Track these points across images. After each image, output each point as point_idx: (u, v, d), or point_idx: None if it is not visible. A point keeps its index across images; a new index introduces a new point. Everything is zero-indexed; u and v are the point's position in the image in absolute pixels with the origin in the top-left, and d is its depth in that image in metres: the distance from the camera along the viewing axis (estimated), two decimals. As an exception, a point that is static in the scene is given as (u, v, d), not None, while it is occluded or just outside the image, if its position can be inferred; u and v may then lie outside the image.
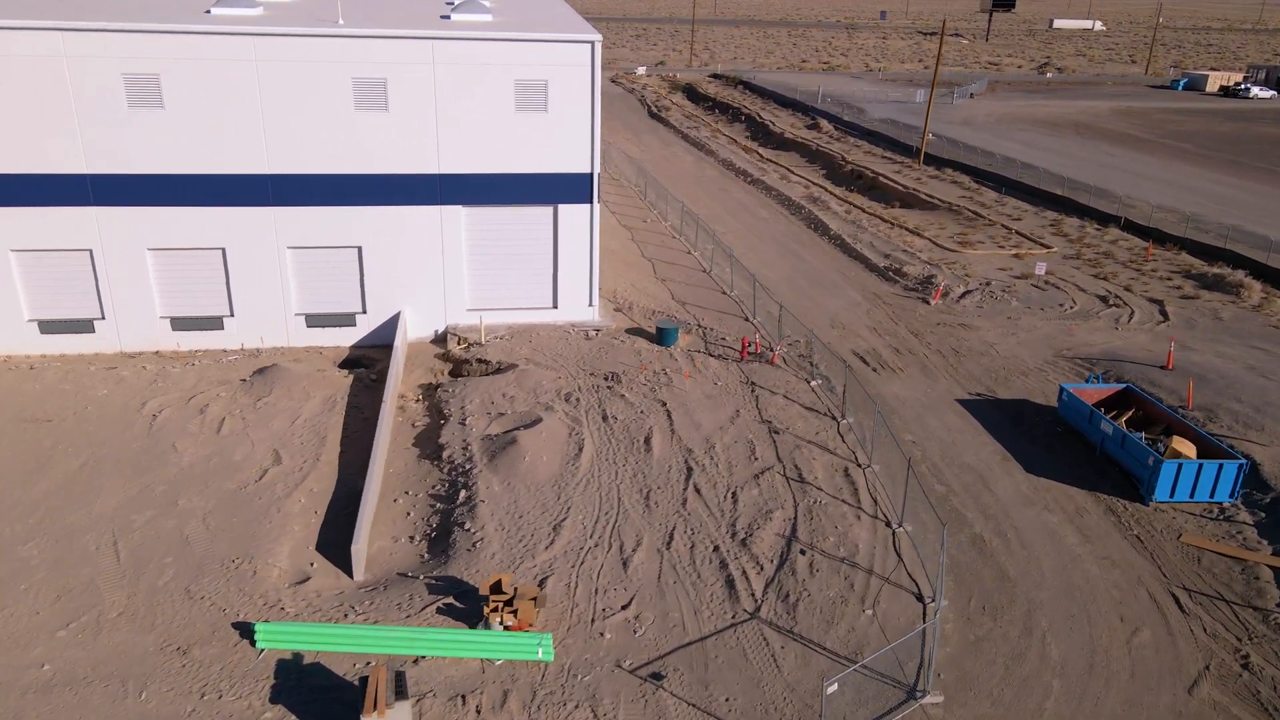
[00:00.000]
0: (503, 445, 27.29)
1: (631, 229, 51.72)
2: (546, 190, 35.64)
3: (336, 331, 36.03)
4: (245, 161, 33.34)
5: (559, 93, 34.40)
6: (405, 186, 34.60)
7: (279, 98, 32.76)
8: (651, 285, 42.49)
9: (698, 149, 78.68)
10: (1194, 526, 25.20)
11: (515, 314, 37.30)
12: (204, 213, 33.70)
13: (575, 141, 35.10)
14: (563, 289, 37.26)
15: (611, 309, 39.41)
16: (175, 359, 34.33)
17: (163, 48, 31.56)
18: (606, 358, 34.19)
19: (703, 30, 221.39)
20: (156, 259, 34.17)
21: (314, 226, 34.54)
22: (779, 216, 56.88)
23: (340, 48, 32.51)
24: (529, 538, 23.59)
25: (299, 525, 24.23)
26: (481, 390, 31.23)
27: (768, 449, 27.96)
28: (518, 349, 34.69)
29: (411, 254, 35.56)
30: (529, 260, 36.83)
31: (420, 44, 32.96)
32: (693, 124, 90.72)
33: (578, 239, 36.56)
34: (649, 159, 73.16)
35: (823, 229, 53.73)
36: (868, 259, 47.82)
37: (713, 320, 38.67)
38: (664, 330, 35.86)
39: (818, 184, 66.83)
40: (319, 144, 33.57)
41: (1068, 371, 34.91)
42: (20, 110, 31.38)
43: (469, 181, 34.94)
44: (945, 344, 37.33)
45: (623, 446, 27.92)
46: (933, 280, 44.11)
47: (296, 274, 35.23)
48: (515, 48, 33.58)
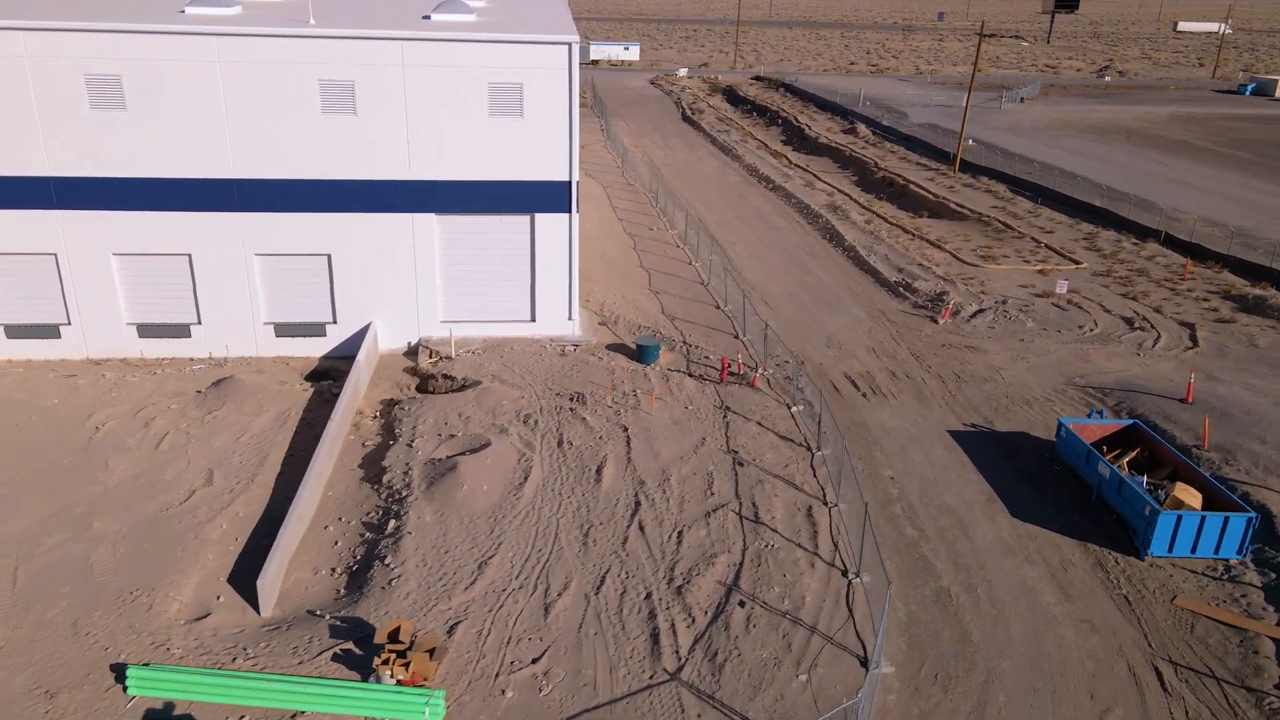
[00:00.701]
0: (443, 471, 25.73)
1: (636, 237, 49.92)
2: (523, 199, 34.04)
3: (306, 342, 34.88)
4: (209, 165, 32.33)
5: (535, 97, 32.76)
6: (375, 193, 33.29)
7: (243, 100, 31.67)
8: (643, 298, 40.64)
9: (724, 154, 76.54)
10: (1193, 587, 22.58)
11: (491, 327, 35.77)
12: (169, 217, 32.78)
13: (552, 148, 33.43)
14: (540, 302, 35.63)
15: (596, 323, 37.67)
16: (140, 367, 33.48)
17: (123, 48, 30.66)
18: (578, 376, 32.46)
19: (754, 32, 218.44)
20: (122, 264, 33.36)
21: (282, 233, 33.42)
22: (794, 225, 54.57)
23: (306, 49, 31.30)
24: (450, 576, 21.96)
25: (214, 554, 22.94)
26: (438, 409, 29.73)
27: (727, 483, 25.95)
28: (487, 365, 33.14)
29: (382, 263, 34.24)
30: (505, 272, 35.26)
31: (388, 45, 31.60)
32: (724, 128, 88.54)
33: (556, 250, 34.88)
34: (672, 163, 71.27)
35: (837, 239, 51.30)
36: (879, 273, 45.35)
37: (701, 337, 36.69)
38: (644, 347, 34.01)
39: (843, 191, 64.27)
40: (286, 148, 32.42)
41: (1076, 402, 32.21)
42: (-19, 111, 30.76)
43: (441, 189, 33.50)
44: (947, 368, 34.83)
45: (572, 476, 26.16)
46: (944, 297, 41.52)
47: (264, 282, 34.15)
48: (488, 49, 32.04)
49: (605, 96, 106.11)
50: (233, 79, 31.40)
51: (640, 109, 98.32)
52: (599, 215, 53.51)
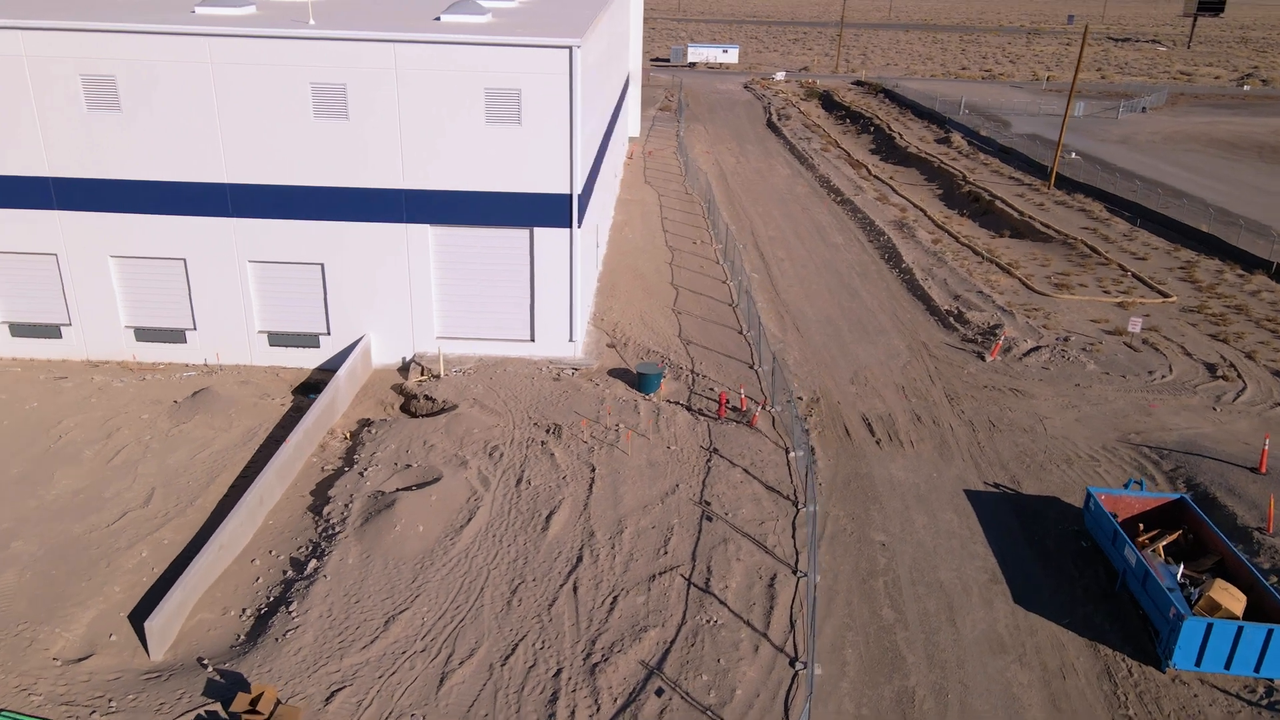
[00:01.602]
0: (382, 507, 23.89)
1: (677, 251, 47.31)
2: (521, 211, 32.00)
3: (300, 352, 33.77)
4: (203, 169, 31.50)
5: (533, 104, 30.66)
6: (368, 201, 31.83)
7: (236, 103, 30.67)
8: (662, 318, 38.05)
9: (800, 162, 72.93)
10: (1221, 713, 18.67)
11: (488, 346, 33.88)
12: (164, 221, 32.13)
13: (551, 158, 31.26)
14: (540, 322, 33.52)
15: (604, 344, 35.34)
16: (135, 371, 32.99)
17: (116, 48, 30.06)
18: (564, 404, 30.20)
19: (866, 35, 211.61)
20: (119, 267, 32.92)
21: (275, 240, 32.34)
22: (853, 243, 50.87)
23: (297, 51, 30.04)
24: (352, 631, 20.04)
25: (123, 585, 21.68)
26: (404, 434, 27.96)
27: (686, 540, 23.23)
28: (472, 387, 31.23)
29: (376, 274, 32.78)
30: (504, 288, 33.31)
31: (380, 47, 30.04)
32: (807, 135, 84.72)
33: (555, 268, 32.70)
34: (742, 172, 68.19)
35: (895, 260, 47.44)
36: (931, 299, 41.45)
37: (713, 365, 33.89)
38: (644, 375, 31.50)
39: (919, 206, 59.97)
40: (278, 153, 31.29)
41: (1126, 463, 28.05)
42: (-17, 110, 30.70)
43: (436, 198, 31.79)
44: (983, 413, 31.04)
45: (520, 520, 23.92)
46: (996, 331, 37.43)
47: (258, 289, 33.17)
48: (483, 52, 30.11)
49: (693, 100, 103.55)
50: (224, 81, 30.43)
51: (725, 114, 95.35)
52: (645, 226, 51.13)
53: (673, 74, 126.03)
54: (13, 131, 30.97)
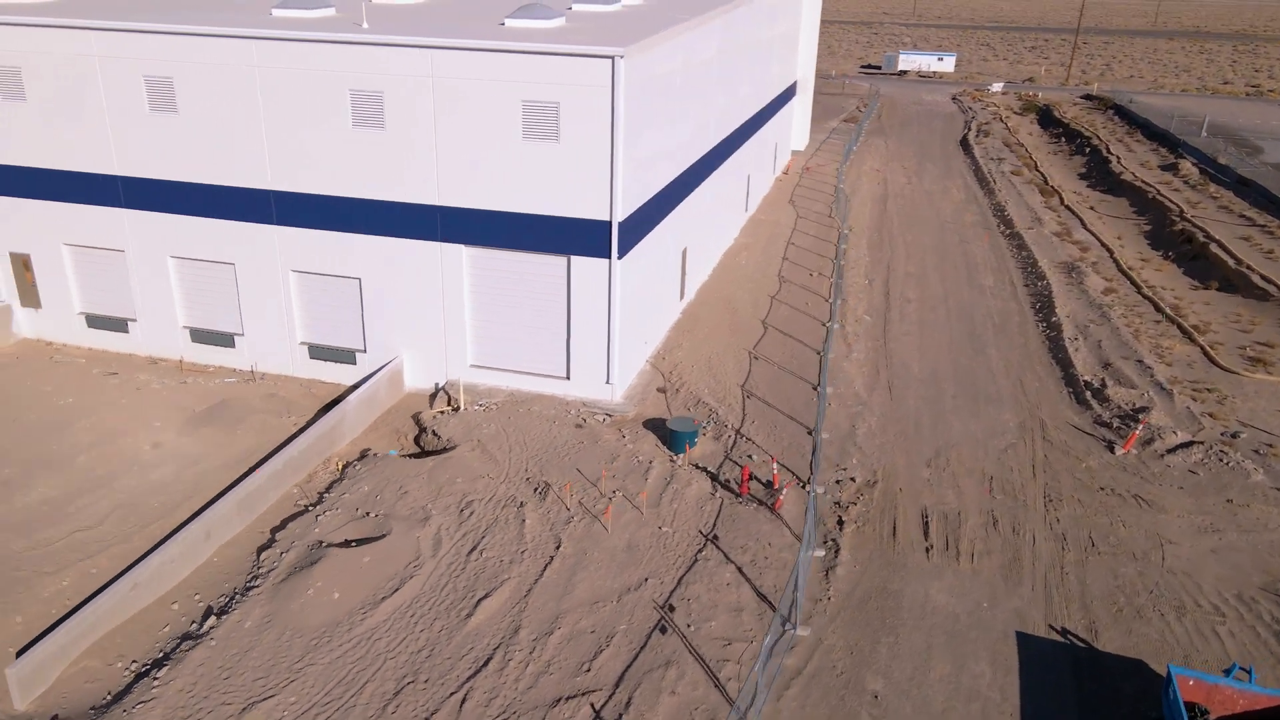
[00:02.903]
0: (310, 561, 21.63)
1: (788, 282, 42.54)
2: (557, 237, 28.92)
3: (337, 368, 32.49)
4: (249, 175, 30.77)
5: (572, 119, 27.47)
6: (403, 217, 29.91)
7: (279, 108, 29.63)
8: (733, 363, 33.74)
9: (980, 185, 65.08)
10: None
11: (522, 380, 31.09)
12: (216, 225, 31.75)
13: (590, 180, 27.95)
14: (576, 359, 30.32)
15: (655, 387, 31.62)
16: (186, 372, 32.97)
17: (174, 50, 29.80)
18: (572, 457, 26.86)
19: (1119, 42, 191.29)
20: (178, 267, 32.95)
21: (316, 251, 31.15)
22: (1004, 287, 43.87)
23: (336, 55, 28.52)
24: (204, 714, 17.78)
25: (27, 616, 20.66)
26: (385, 475, 25.69)
27: (621, 656, 19.28)
28: (485, 426, 28.55)
29: (411, 293, 30.85)
30: (540, 319, 30.38)
31: (414, 53, 27.91)
32: (1001, 154, 75.95)
33: (593, 301, 29.36)
34: (908, 194, 61.61)
35: (1047, 311, 40.24)
36: (1072, 366, 34.45)
37: (765, 426, 29.36)
38: (674, 432, 27.59)
39: (1107, 245, 51.38)
40: (318, 161, 30.00)
41: (1264, 626, 21.12)
42: (64, 109, 31.43)
43: (471, 217, 29.35)
44: (1084, 526, 24.73)
45: (450, 600, 20.88)
46: (1141, 415, 30.26)
47: (300, 300, 32.16)
48: (520, 61, 27.25)
49: (888, 112, 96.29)
50: (268, 85, 29.44)
51: (917, 128, 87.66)
52: (764, 253, 46.61)
53: (875, 83, 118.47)
54: (90, 130, 31.52)
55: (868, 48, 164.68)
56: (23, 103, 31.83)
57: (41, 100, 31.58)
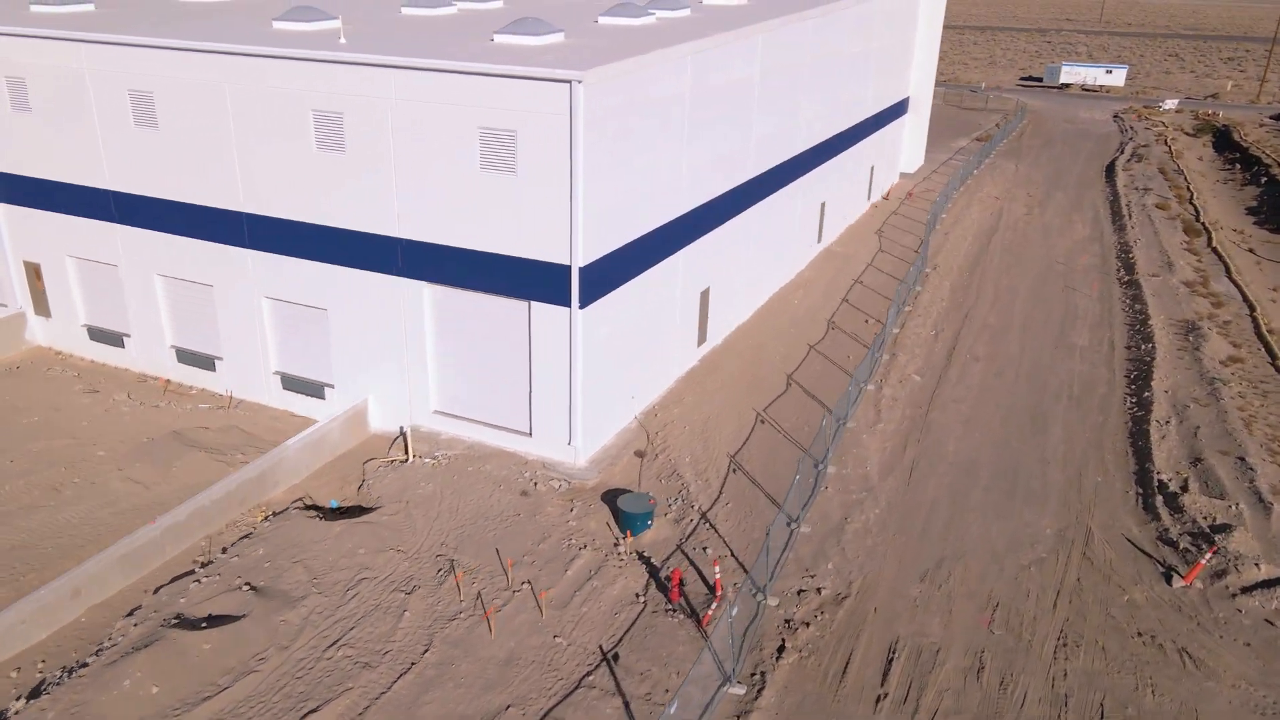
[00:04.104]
0: (146, 643, 19.45)
1: (839, 328, 37.82)
2: (516, 280, 25.87)
3: (309, 401, 30.67)
4: (223, 195, 29.34)
5: (529, 149, 24.35)
6: (366, 247, 27.65)
7: (248, 127, 28.00)
8: (733, 426, 29.69)
9: (1113, 220, 57.24)
10: None
11: (484, 432, 28.22)
12: (196, 245, 30.55)
13: (549, 218, 24.73)
14: (538, 415, 27.17)
15: (633, 450, 28.07)
16: (169, 393, 32.04)
17: (152, 64, 28.70)
18: (500, 532, 23.75)
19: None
20: (164, 285, 32.03)
21: (286, 278, 29.40)
22: (1099, 347, 37.47)
23: (299, 74, 26.54)
24: (-42, 822, 15.82)
25: None
26: (287, 537, 23.39)
27: (431, 814, 15.99)
28: (421, 486, 25.86)
29: (374, 330, 28.58)
30: (503, 368, 27.43)
31: (372, 73, 25.52)
32: (1151, 183, 67.08)
33: (554, 353, 26.13)
34: (1022, 228, 54.84)
35: (1143, 383, 33.82)
36: (1149, 458, 28.41)
37: (740, 510, 25.29)
38: (627, 514, 24.02)
39: (1250, 300, 43.56)
40: (286, 185, 28.19)
41: None
42: (63, 121, 31.02)
43: (431, 252, 26.74)
44: (1099, 687, 19.52)
45: (277, 709, 18.18)
46: (1217, 535, 24.22)
47: (274, 328, 30.53)
48: (475, 85, 24.35)
49: (1034, 130, 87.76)
50: (238, 102, 27.83)
51: (1061, 149, 79.14)
52: (823, 292, 41.94)
53: (1029, 97, 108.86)
54: (85, 143, 30.99)
55: (1035, 58, 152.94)
56: (28, 113, 31.65)
57: (44, 111, 31.29)
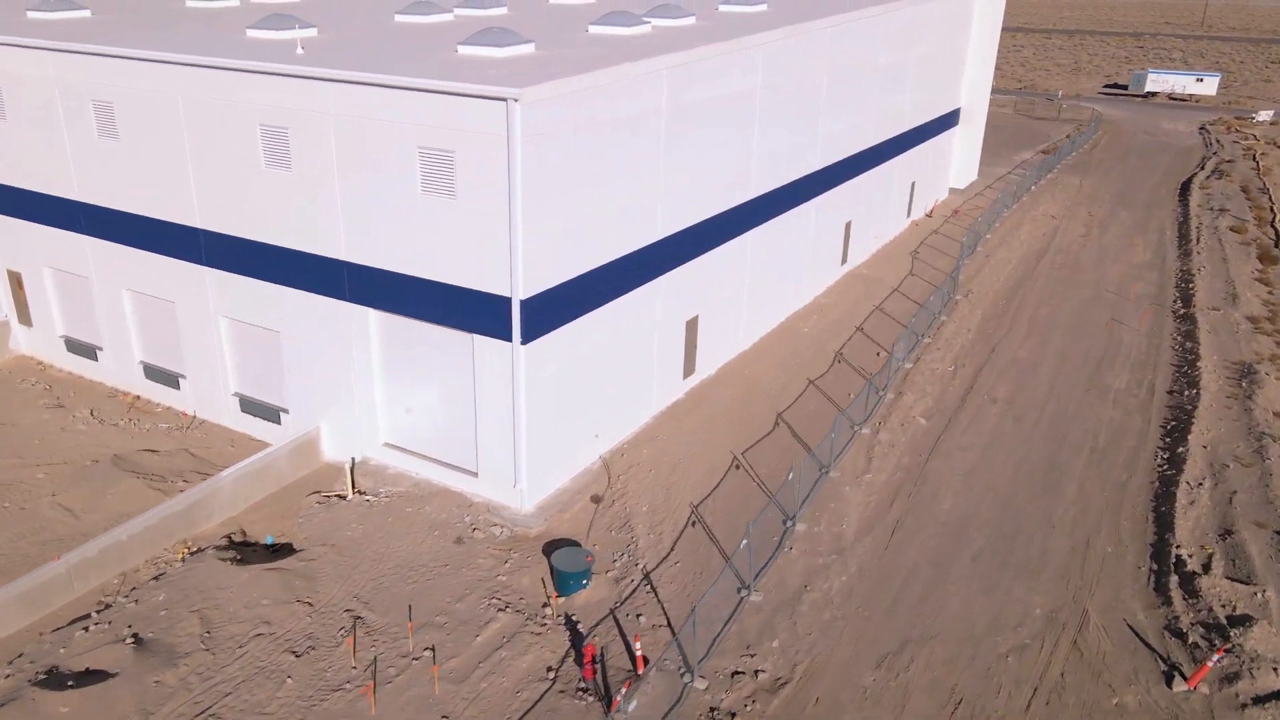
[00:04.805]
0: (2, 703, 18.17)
1: (847, 360, 35.05)
2: (458, 311, 24.05)
3: (266, 426, 29.43)
4: (181, 211, 28.30)
5: (467, 172, 22.50)
6: (315, 270, 26.21)
7: (201, 140, 26.85)
8: (704, 470, 27.33)
9: (1179, 244, 52.68)
10: None
11: (433, 468, 26.50)
12: (159, 260, 29.61)
13: (488, 247, 22.83)
14: (484, 454, 25.30)
15: (590, 494, 26.00)
16: (134, 410, 31.23)
17: (112, 74, 27.81)
18: (419, 588, 21.93)
19: None
20: (131, 300, 31.21)
21: (241, 298, 28.19)
22: (1137, 392, 33.88)
23: (247, 86, 25.21)
24: None
25: None
26: (193, 583, 21.98)
27: None
28: (353, 527, 24.24)
29: (325, 356, 27.13)
30: (450, 403, 25.65)
31: (314, 86, 24.01)
32: (1228, 202, 61.91)
33: (498, 391, 24.21)
34: (1076, 250, 50.85)
35: (1178, 438, 30.27)
36: (1170, 529, 25.08)
37: (691, 570, 23.00)
38: (559, 572, 21.97)
39: (1320, 342, 39.22)
40: (237, 201, 26.96)
41: None
42: (36, 130, 30.43)
43: (376, 278, 25.12)
44: (1058, 817, 16.68)
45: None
46: (1234, 631, 20.95)
47: (231, 348, 29.37)
48: (414, 101, 22.61)
49: (1109, 142, 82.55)
50: (191, 114, 26.69)
51: (1135, 164, 74.03)
52: (838, 319, 39.15)
53: (1110, 106, 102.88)
54: (56, 153, 30.35)
55: (1123, 64, 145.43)
56: (4, 121, 31.17)
57: (17, 120, 30.76)
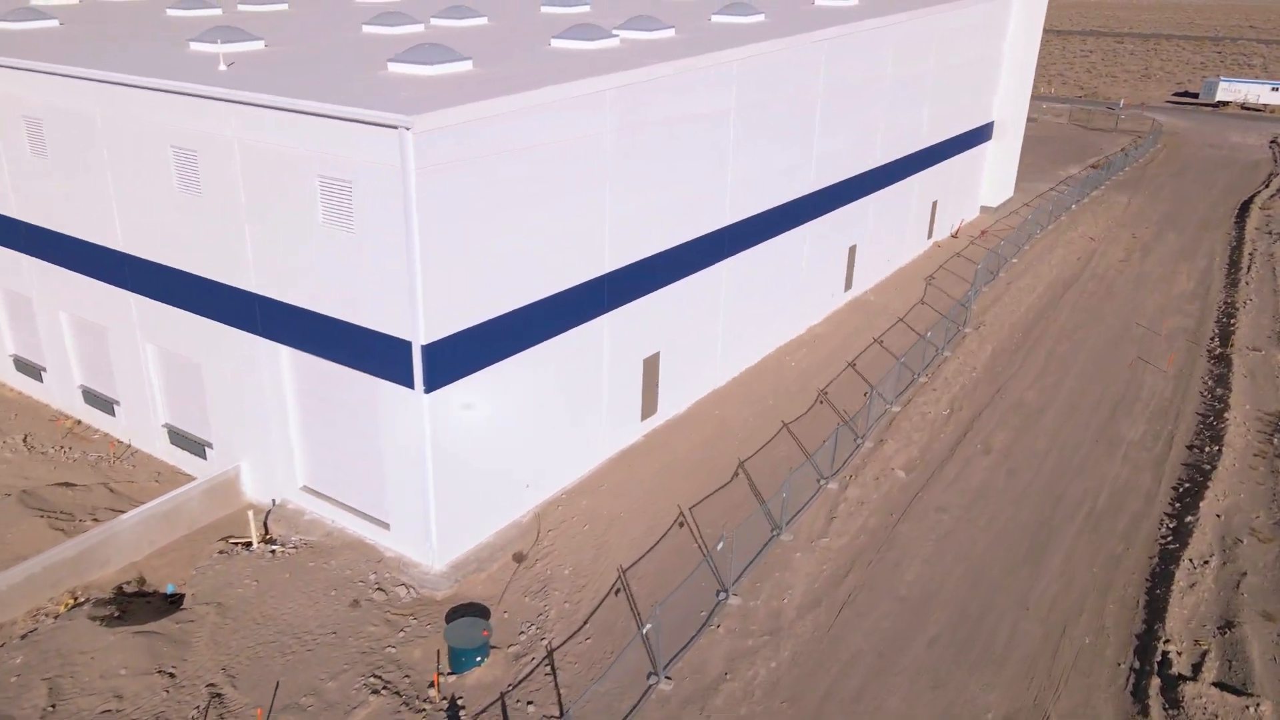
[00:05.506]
0: None
1: (834, 398, 32.32)
2: (363, 353, 22.13)
3: (192, 460, 27.97)
4: (105, 234, 26.99)
5: (366, 204, 20.57)
6: (228, 301, 24.59)
7: (120, 162, 25.49)
8: (644, 527, 24.98)
9: (1229, 271, 48.41)
10: None
11: (348, 517, 24.63)
12: (90, 283, 28.38)
13: (389, 287, 20.85)
14: (395, 506, 23.34)
15: (513, 551, 23.88)
16: (69, 436, 30.12)
17: (40, 90, 26.65)
18: (293, 661, 20.04)
19: None
20: (69, 323, 30.08)
21: (165, 326, 26.77)
22: (1153, 445, 30.50)
23: (158, 105, 23.72)
24: None
25: None
26: (58, 644, 20.40)
27: None
28: (245, 583, 22.48)
29: (243, 392, 25.49)
30: (364, 450, 23.74)
31: (219, 108, 22.34)
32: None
33: (405, 440, 22.22)
34: (1113, 277, 47.06)
35: (1190, 503, 26.93)
36: (1162, 620, 21.95)
37: (603, 649, 20.70)
38: (453, 649, 19.88)
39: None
40: (154, 226, 25.54)
41: None
42: (-23, 145, 29.57)
43: (285, 313, 23.38)
44: None
45: None
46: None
47: (159, 377, 27.98)
48: (313, 127, 20.76)
49: (1171, 157, 77.54)
50: (109, 135, 25.34)
51: (1192, 180, 69.17)
52: (831, 352, 36.39)
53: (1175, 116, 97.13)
54: None
55: (1197, 70, 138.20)
56: (-49, 136, 30.32)
57: (-39, 135, 29.88)
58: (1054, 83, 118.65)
